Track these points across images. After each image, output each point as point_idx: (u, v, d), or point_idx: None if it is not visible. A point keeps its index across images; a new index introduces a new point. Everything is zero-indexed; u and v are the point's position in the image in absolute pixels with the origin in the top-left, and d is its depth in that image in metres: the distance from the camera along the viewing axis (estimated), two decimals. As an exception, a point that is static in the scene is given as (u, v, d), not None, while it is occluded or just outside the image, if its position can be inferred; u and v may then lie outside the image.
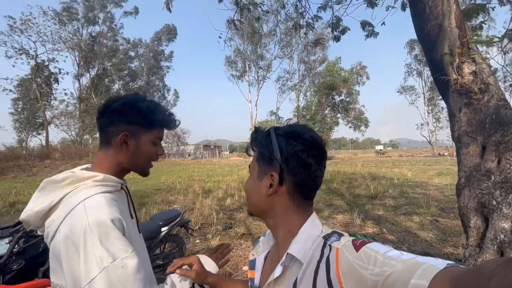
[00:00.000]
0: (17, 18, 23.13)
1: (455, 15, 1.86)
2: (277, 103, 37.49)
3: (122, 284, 0.60)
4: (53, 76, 27.47)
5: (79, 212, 0.64)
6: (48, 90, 27.60)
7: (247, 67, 34.78)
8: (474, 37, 1.84)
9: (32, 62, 24.73)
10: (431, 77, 2.17)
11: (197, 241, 4.01)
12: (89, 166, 0.79)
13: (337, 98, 33.09)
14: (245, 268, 3.09)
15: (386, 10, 4.40)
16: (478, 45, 1.87)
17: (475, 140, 1.77)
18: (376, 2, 3.94)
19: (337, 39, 5.28)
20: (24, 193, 7.76)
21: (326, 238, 0.54)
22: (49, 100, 28.07)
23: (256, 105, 35.67)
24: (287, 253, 0.53)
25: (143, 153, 0.80)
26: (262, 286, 0.59)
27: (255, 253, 0.68)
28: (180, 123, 0.88)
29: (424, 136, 41.68)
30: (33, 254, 1.30)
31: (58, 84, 27.91)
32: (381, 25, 4.78)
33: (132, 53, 35.22)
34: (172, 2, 3.55)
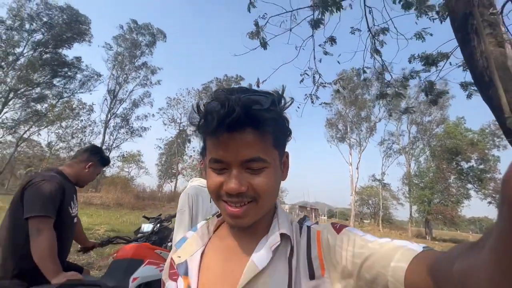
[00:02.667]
0: (171, 97, 32.95)
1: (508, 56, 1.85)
2: (382, 167, 34.01)
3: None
4: (187, 137, 35.92)
5: None
6: (182, 148, 36.00)
7: (348, 129, 34.54)
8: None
9: (177, 128, 33.52)
10: None
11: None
12: None
13: (465, 165, 27.02)
14: None
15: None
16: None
17: None
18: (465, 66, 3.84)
19: (434, 102, 5.10)
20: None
21: (301, 221, 0.54)
22: (182, 156, 36.24)
23: (357, 168, 33.60)
24: (281, 233, 0.49)
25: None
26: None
27: (183, 254, 0.55)
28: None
29: None
30: (164, 234, 2.09)
31: (189, 143, 36.08)
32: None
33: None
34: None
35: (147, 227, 2.01)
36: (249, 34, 4.76)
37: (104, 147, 25.69)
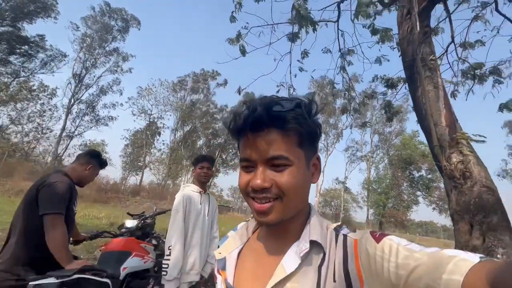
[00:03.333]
0: (143, 87, 31.66)
1: (445, 116, 2.38)
2: (346, 172, 36.22)
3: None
4: (157, 130, 34.77)
5: None
6: (151, 141, 34.77)
7: (317, 134, 36.02)
8: (460, 135, 2.28)
9: (147, 119, 32.29)
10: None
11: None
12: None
13: (416, 174, 29.92)
14: None
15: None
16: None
17: (464, 218, 2.05)
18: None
19: (389, 119, 5.82)
20: (119, 217, 9.88)
21: (337, 229, 0.52)
22: (150, 149, 34.99)
23: (323, 171, 35.33)
24: (311, 240, 0.48)
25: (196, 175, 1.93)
26: (242, 286, 0.52)
27: (223, 251, 0.59)
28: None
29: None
30: (146, 230, 2.29)
31: (159, 136, 34.95)
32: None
33: (217, 116, 41.71)
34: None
35: (130, 223, 2.20)
36: (229, 40, 5.00)
37: (64, 134, 23.93)
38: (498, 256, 1.78)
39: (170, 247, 1.82)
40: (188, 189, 2.02)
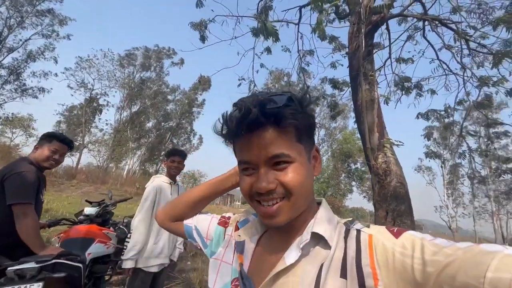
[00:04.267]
0: (83, 58, 28.06)
1: (376, 124, 2.91)
2: (294, 161, 38.51)
3: None
4: (100, 107, 31.44)
5: None
6: (91, 119, 31.35)
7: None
8: (386, 140, 2.84)
9: (88, 94, 28.90)
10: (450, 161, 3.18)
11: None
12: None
13: (353, 166, 33.65)
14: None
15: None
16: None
17: (382, 206, 2.62)
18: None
19: (333, 117, 6.58)
20: (54, 203, 8.94)
21: (348, 224, 0.50)
22: (89, 128, 31.57)
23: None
24: (313, 232, 0.47)
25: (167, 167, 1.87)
26: (253, 275, 0.51)
27: (243, 234, 0.58)
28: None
29: (444, 221, 39.23)
30: (106, 218, 2.30)
31: (100, 114, 31.68)
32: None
33: (170, 97, 39.45)
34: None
35: (90, 210, 2.19)
36: (191, 25, 4.93)
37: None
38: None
39: (131, 231, 1.96)
40: (159, 180, 2.15)
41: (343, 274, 0.42)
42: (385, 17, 3.20)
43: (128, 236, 1.96)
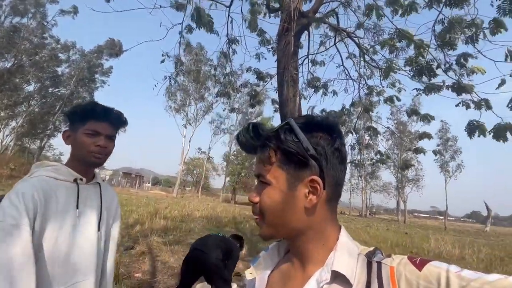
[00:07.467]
0: None
1: (298, 105, 3.32)
2: (210, 143, 38.67)
3: None
4: None
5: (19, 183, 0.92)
6: None
7: (187, 102, 35.63)
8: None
9: None
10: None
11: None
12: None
13: (265, 149, 36.59)
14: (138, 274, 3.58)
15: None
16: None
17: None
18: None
19: (252, 106, 7.01)
20: None
21: (369, 255, 0.46)
22: None
23: (189, 141, 35.92)
24: (332, 270, 0.44)
25: (79, 144, 0.96)
26: None
27: (254, 272, 0.58)
28: (120, 116, 1.04)
29: (331, 196, 47.91)
30: None
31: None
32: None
33: (62, 56, 31.89)
34: None
35: None
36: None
37: None
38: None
39: None
40: (46, 173, 1.25)
41: None
42: (310, 22, 3.57)
43: None
